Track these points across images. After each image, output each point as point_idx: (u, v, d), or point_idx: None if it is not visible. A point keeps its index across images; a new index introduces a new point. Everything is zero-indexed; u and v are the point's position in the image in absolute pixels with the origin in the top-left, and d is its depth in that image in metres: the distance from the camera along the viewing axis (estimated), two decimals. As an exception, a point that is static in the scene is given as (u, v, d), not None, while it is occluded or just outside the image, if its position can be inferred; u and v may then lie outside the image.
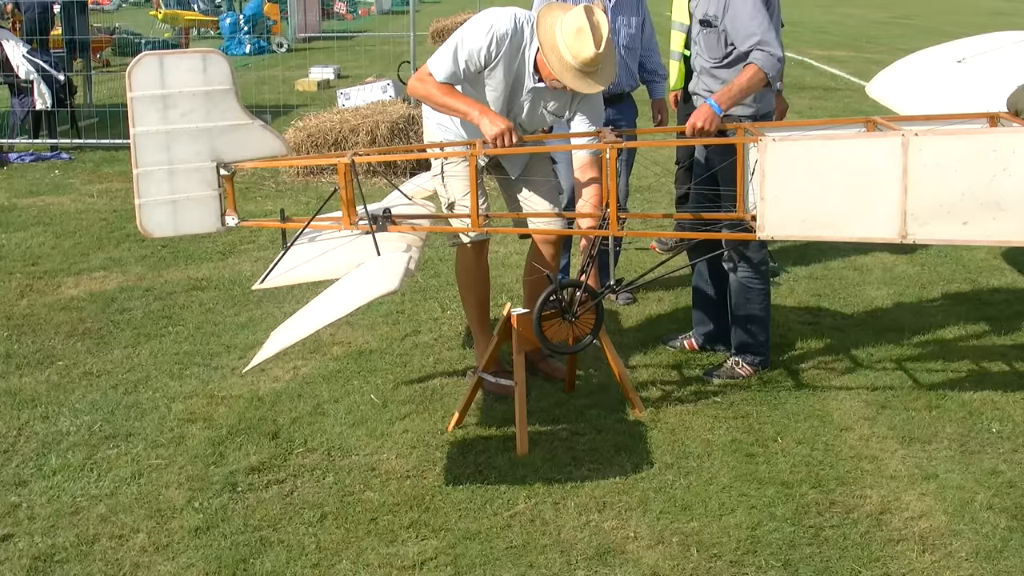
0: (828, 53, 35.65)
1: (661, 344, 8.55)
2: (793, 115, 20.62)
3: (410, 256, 6.55)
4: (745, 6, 7.47)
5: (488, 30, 7.01)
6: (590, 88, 6.95)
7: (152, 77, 6.51)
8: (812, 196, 6.76)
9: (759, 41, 7.43)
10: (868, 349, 8.61)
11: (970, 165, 6.64)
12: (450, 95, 7.10)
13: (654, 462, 6.75)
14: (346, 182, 6.78)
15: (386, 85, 17.56)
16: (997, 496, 6.43)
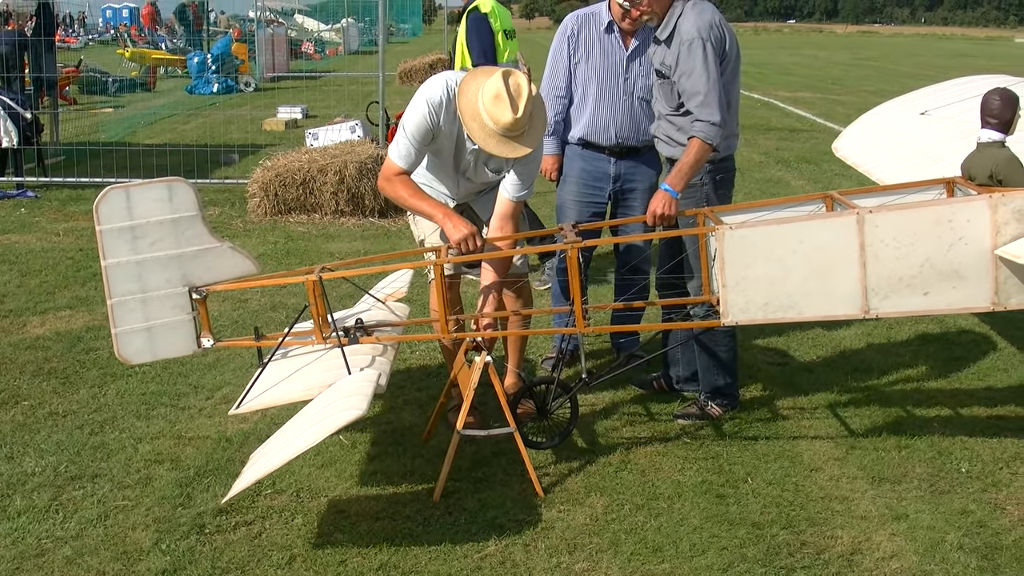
0: (794, 94, 35.94)
1: (631, 385, 8.52)
2: (759, 155, 20.91)
3: (380, 373, 6.57)
4: (694, 63, 7.46)
5: (424, 103, 7.10)
6: (514, 152, 6.95)
7: (119, 209, 6.51)
8: (773, 279, 6.87)
9: (700, 103, 7.44)
10: (837, 389, 8.64)
11: (926, 237, 6.81)
12: (416, 197, 7.20)
13: (624, 503, 6.73)
14: (315, 297, 6.82)
15: (354, 125, 17.57)
16: (967, 536, 6.44)
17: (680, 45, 7.48)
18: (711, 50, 7.43)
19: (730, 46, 7.60)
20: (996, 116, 7.45)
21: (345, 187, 14.69)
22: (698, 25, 7.45)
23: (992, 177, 7.31)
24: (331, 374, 6.65)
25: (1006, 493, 7.00)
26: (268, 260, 12.43)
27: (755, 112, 29.65)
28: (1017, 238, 6.85)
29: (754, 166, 20.17)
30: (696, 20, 7.47)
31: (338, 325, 6.91)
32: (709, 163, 7.66)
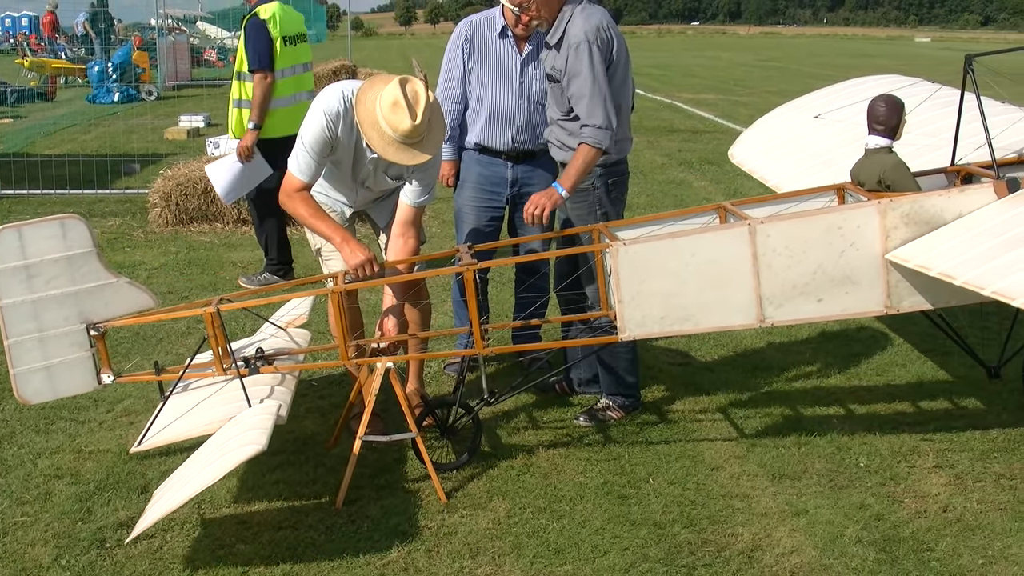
0: (697, 96, 36.19)
1: (533, 388, 8.55)
2: (662, 157, 21.04)
3: (280, 404, 6.57)
4: (581, 65, 7.51)
5: (321, 115, 7.11)
6: (414, 159, 7.00)
7: (12, 249, 6.44)
8: (668, 293, 6.98)
9: (587, 106, 7.49)
10: (738, 388, 8.74)
11: (818, 245, 6.97)
12: (315, 217, 7.23)
13: (527, 507, 6.76)
14: (214, 329, 6.80)
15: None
16: (866, 529, 6.54)
17: (568, 48, 7.52)
18: (597, 53, 7.48)
19: (618, 50, 7.64)
20: (883, 122, 7.58)
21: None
22: (585, 28, 7.49)
23: (880, 182, 7.45)
24: (232, 407, 6.64)
25: (904, 486, 7.11)
26: (170, 271, 12.33)
27: (658, 114, 29.84)
28: (907, 242, 7.00)
29: (657, 168, 20.31)
30: (584, 24, 7.51)
31: (238, 356, 6.90)
32: (601, 167, 7.72)
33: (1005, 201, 7.14)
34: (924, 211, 7.09)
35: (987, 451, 7.65)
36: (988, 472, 7.34)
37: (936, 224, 7.10)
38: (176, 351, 9.33)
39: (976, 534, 6.54)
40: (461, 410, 7.36)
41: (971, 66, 7.57)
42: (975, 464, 7.45)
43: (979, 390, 8.73)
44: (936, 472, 7.33)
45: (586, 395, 8.48)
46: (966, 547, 6.38)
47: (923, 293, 7.12)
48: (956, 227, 7.05)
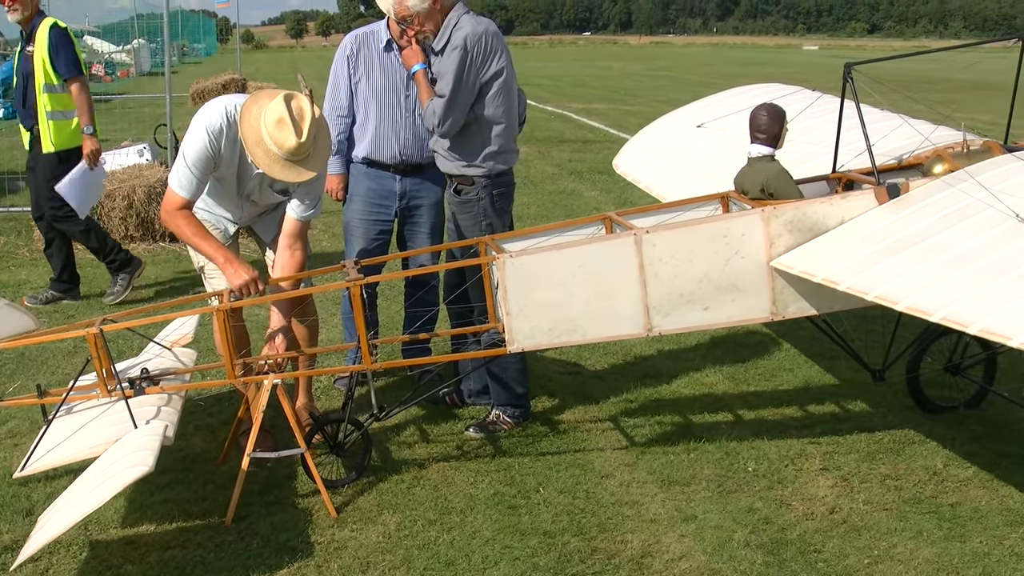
0: (587, 106, 36.40)
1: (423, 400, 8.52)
2: (553, 167, 21.11)
3: (166, 424, 6.49)
4: (450, 66, 7.58)
5: (203, 131, 7.06)
6: (299, 176, 6.97)
7: None
8: (556, 304, 7.01)
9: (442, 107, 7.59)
10: (628, 396, 8.79)
11: (704, 253, 7.05)
12: (198, 236, 7.17)
13: (417, 519, 6.75)
14: (97, 350, 6.71)
15: (142, 148, 17.23)
16: (754, 533, 6.61)
17: (448, 51, 7.56)
18: (470, 60, 7.54)
19: (498, 62, 7.68)
20: (764, 131, 7.68)
21: (134, 212, 14.43)
22: (467, 34, 7.56)
23: (764, 190, 7.54)
24: (117, 428, 6.55)
25: (791, 489, 7.20)
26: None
27: (549, 125, 29.95)
28: (790, 249, 7.09)
29: (547, 178, 20.39)
30: (468, 30, 7.57)
31: (123, 376, 6.82)
32: (486, 178, 7.75)
33: (886, 207, 7.25)
34: (807, 218, 7.18)
35: (873, 452, 7.77)
36: (874, 473, 7.45)
37: (819, 231, 7.20)
38: (62, 371, 9.18)
39: (862, 534, 6.63)
40: (350, 426, 7.33)
41: (850, 74, 7.67)
42: (861, 465, 7.56)
43: (865, 393, 8.86)
44: (823, 474, 7.43)
45: (477, 406, 8.48)
46: (852, 547, 6.47)
47: (808, 299, 7.22)
48: (839, 233, 7.16)
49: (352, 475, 7.26)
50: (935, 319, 5.94)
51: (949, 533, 6.66)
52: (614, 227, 7.47)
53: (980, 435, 8.14)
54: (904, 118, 8.83)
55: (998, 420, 8.42)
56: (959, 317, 5.82)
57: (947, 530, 6.69)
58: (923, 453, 7.80)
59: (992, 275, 6.02)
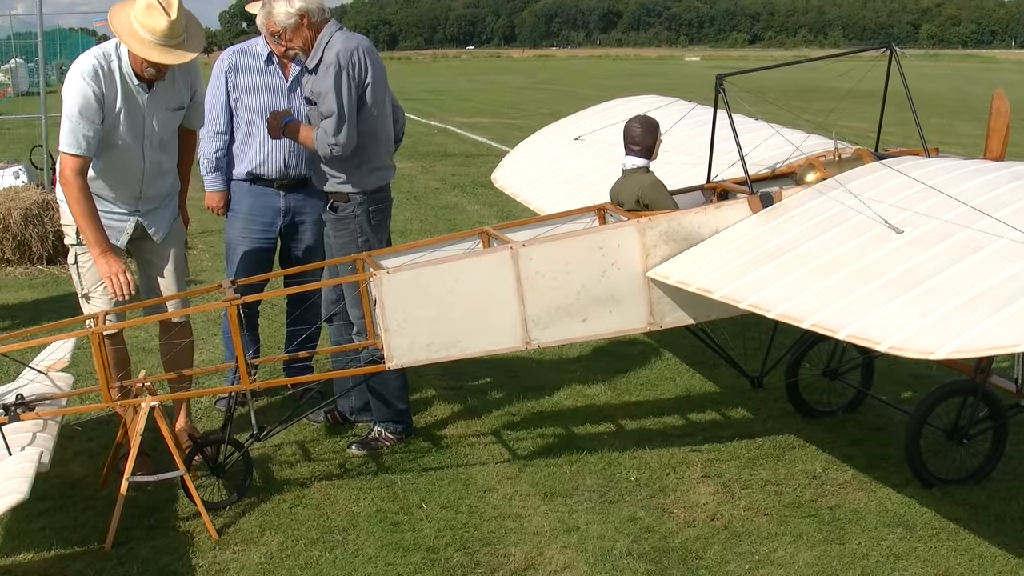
0: (471, 120, 36.46)
1: (306, 418, 8.47)
2: (436, 181, 21.12)
3: (41, 451, 6.38)
4: (328, 84, 7.54)
5: (78, 77, 7.08)
6: (179, 59, 7.06)
7: None
8: (434, 320, 7.02)
9: (332, 125, 7.53)
10: (510, 409, 8.82)
11: (580, 265, 7.10)
12: (85, 216, 7.17)
13: (300, 539, 6.70)
14: None
15: (18, 170, 16.93)
16: (636, 542, 6.65)
17: (323, 70, 7.54)
18: (347, 76, 7.50)
19: (373, 77, 7.65)
20: (639, 143, 7.74)
21: (10, 235, 14.16)
22: (339, 51, 7.53)
23: (639, 202, 7.60)
24: (-10, 454, 6.43)
25: (673, 497, 7.26)
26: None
27: (432, 139, 29.95)
28: (666, 259, 7.16)
29: (431, 193, 20.39)
30: (339, 47, 7.54)
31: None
32: (362, 194, 7.73)
33: (759, 216, 7.35)
34: (682, 228, 7.26)
35: (753, 458, 7.86)
36: (754, 479, 7.54)
37: (694, 240, 7.27)
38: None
39: (743, 540, 6.70)
40: (231, 447, 7.26)
41: (722, 85, 7.76)
42: (742, 472, 7.65)
43: (745, 400, 8.97)
44: (704, 482, 7.50)
45: (359, 423, 8.45)
46: (733, 553, 6.54)
47: (685, 308, 7.29)
48: (713, 243, 7.24)
49: (233, 496, 7.19)
50: (806, 325, 6.03)
51: (828, 536, 6.75)
52: (491, 241, 7.48)
53: (858, 438, 8.28)
54: (776, 128, 8.94)
55: (876, 423, 8.56)
56: (829, 323, 5.90)
57: (827, 533, 6.79)
58: (803, 457, 7.90)
59: (861, 281, 6.11)
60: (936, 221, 6.43)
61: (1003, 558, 6.47)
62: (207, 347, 10.22)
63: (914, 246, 6.26)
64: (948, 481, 7.42)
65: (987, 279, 5.64)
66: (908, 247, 6.27)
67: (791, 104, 10.75)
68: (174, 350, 7.70)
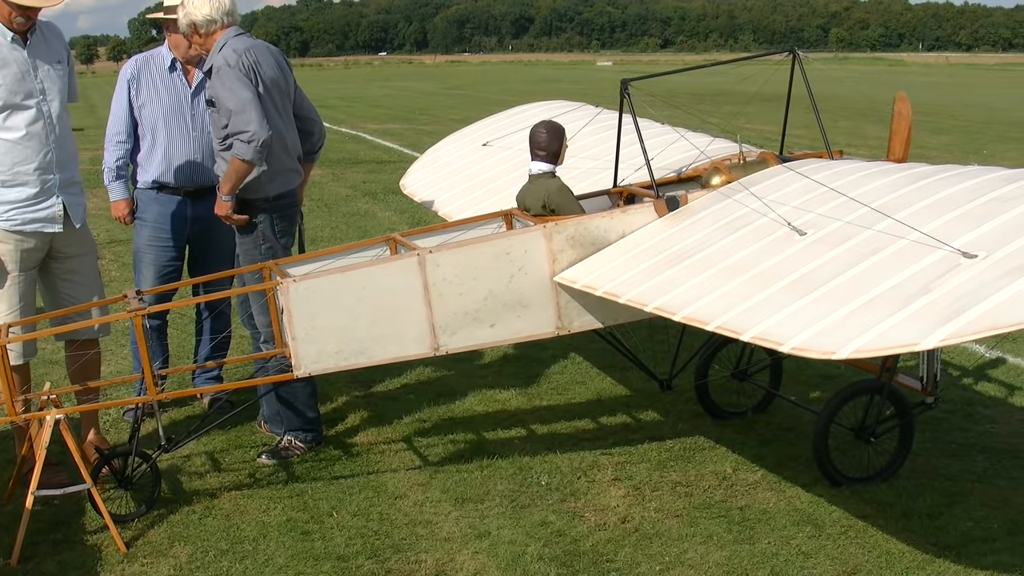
0: (382, 126, 36.39)
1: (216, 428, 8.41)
2: (347, 189, 21.06)
3: None
4: (222, 86, 7.53)
5: None
6: (47, 1, 7.10)
7: None
8: (342, 328, 7.01)
9: (237, 122, 7.46)
10: (421, 416, 8.80)
11: (488, 271, 7.13)
12: None
13: (209, 550, 6.65)
14: None
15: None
16: (547, 546, 6.66)
17: (214, 73, 7.53)
18: (237, 73, 7.48)
19: (265, 76, 7.62)
20: (544, 148, 7.77)
21: None
22: (226, 54, 7.54)
23: (545, 207, 7.63)
24: None
25: (584, 501, 7.28)
26: None
27: (343, 146, 29.80)
28: (573, 264, 7.19)
29: (341, 200, 20.31)
30: (228, 49, 7.56)
31: None
32: (264, 200, 7.70)
33: (665, 219, 7.40)
34: (589, 233, 7.29)
35: (664, 460, 7.90)
36: (665, 481, 7.58)
37: (601, 245, 7.31)
38: None
39: (654, 542, 6.74)
40: (138, 458, 7.20)
41: (627, 90, 7.80)
42: (652, 474, 7.69)
43: (656, 402, 9.01)
44: (615, 485, 7.53)
45: (269, 432, 8.40)
46: (644, 555, 6.57)
47: (592, 313, 7.33)
48: (620, 247, 7.28)
49: (142, 508, 7.12)
50: (711, 328, 6.08)
51: (738, 536, 6.80)
52: (398, 248, 7.48)
53: (768, 439, 8.35)
54: (681, 132, 9.01)
55: (785, 424, 8.63)
56: (734, 325, 5.96)
57: (736, 533, 6.84)
58: (713, 459, 7.95)
59: (765, 283, 6.17)
60: (838, 223, 6.50)
61: (910, 554, 6.55)
62: (115, 358, 10.12)
63: (817, 248, 6.33)
64: (856, 479, 7.49)
65: (888, 279, 5.72)
66: (811, 249, 6.35)
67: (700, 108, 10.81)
68: (80, 361, 7.61)
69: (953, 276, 5.51)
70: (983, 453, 8.08)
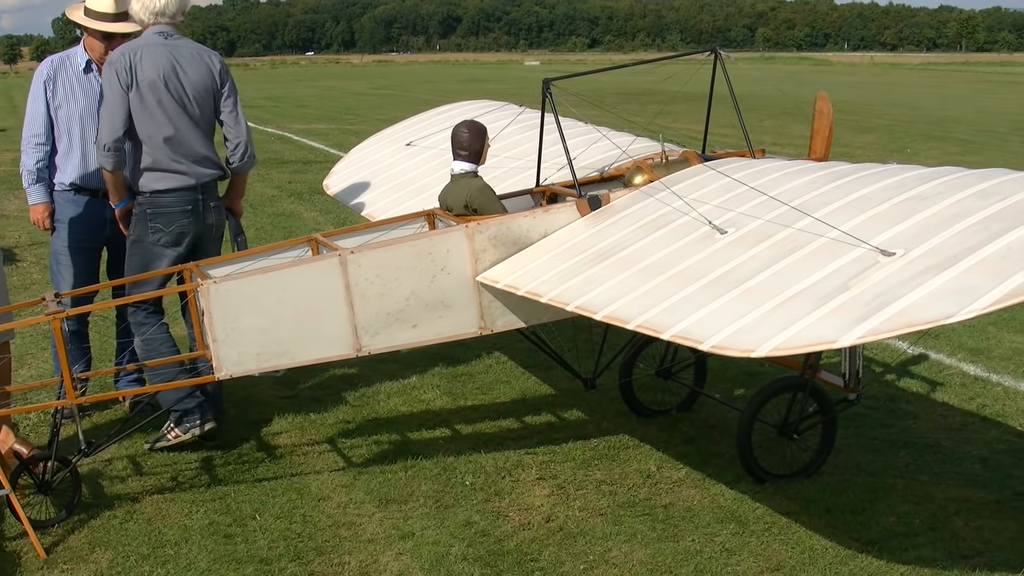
0: (308, 126, 36.24)
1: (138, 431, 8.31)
2: (272, 189, 20.95)
3: None
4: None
5: None
6: None
7: None
8: (263, 329, 6.98)
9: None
10: (345, 417, 8.78)
11: (410, 271, 7.14)
12: None
13: (130, 555, 6.58)
14: None
15: None
16: (471, 546, 6.66)
17: None
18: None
19: (144, 74, 7.65)
20: (466, 148, 7.77)
21: None
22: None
23: (467, 206, 7.64)
24: None
25: (508, 500, 7.28)
26: None
27: (269, 146, 29.62)
28: (496, 263, 7.20)
29: (267, 201, 20.17)
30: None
31: None
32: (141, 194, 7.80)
33: (587, 218, 7.42)
34: (511, 232, 7.30)
35: (588, 459, 7.92)
36: (589, 479, 7.59)
37: (523, 244, 7.32)
38: None
39: (578, 541, 6.74)
40: (58, 463, 7.12)
41: (548, 89, 7.81)
42: (577, 473, 7.70)
43: (581, 401, 9.03)
44: (540, 484, 7.53)
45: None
46: (568, 554, 6.57)
47: (515, 312, 7.34)
48: (542, 246, 7.30)
49: (62, 514, 7.04)
50: (631, 327, 6.10)
51: (663, 534, 6.83)
52: (320, 249, 7.46)
53: (692, 436, 8.38)
54: (603, 131, 9.04)
55: (709, 421, 8.68)
56: (654, 324, 5.98)
57: (661, 531, 6.86)
58: (637, 457, 7.98)
59: (686, 281, 6.21)
60: (758, 221, 6.55)
61: (833, 550, 6.60)
62: (36, 362, 10.02)
63: (737, 246, 6.38)
64: (780, 476, 7.53)
65: (807, 277, 5.77)
66: (731, 247, 6.39)
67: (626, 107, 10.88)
68: None
69: (871, 274, 5.57)
70: (905, 448, 8.15)
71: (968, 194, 6.09)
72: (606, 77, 9.07)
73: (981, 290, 5.08)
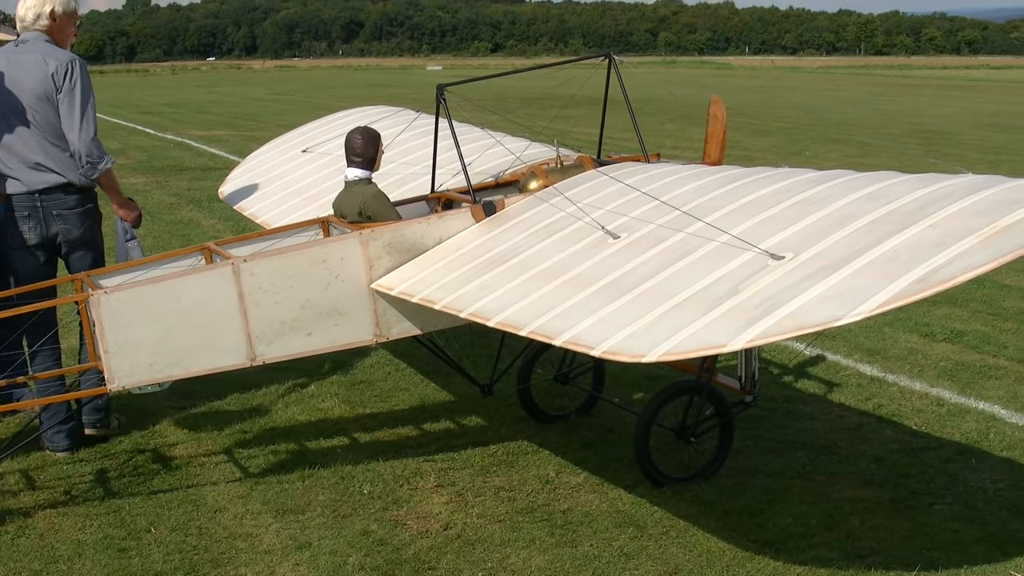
0: (208, 133, 35.95)
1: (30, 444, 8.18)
2: (171, 197, 20.75)
3: None
4: None
5: None
6: None
7: None
8: (156, 339, 6.91)
9: None
10: (241, 427, 8.70)
11: (304, 279, 7.12)
12: None
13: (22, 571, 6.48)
14: None
15: None
16: (369, 555, 6.63)
17: None
18: None
19: None
20: (360, 154, 7.75)
21: None
22: None
23: (362, 213, 7.62)
24: None
25: (406, 509, 7.26)
26: None
27: (168, 153, 29.40)
28: (391, 270, 7.18)
29: (165, 208, 19.99)
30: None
31: None
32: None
33: (482, 224, 7.43)
34: (406, 239, 7.29)
35: (487, 466, 7.92)
36: (488, 486, 7.59)
37: (418, 251, 7.31)
38: None
39: (476, 548, 6.74)
40: None
41: (443, 95, 7.81)
42: (476, 479, 7.69)
43: (480, 408, 9.02)
44: (438, 491, 7.52)
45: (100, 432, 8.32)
46: (466, 562, 6.57)
47: (411, 319, 7.33)
48: (437, 253, 7.30)
49: None
50: (524, 333, 6.11)
51: (561, 539, 6.84)
52: (213, 257, 7.40)
53: (591, 441, 8.41)
54: (498, 137, 9.05)
55: (608, 425, 8.71)
56: (546, 330, 5.99)
57: (559, 536, 6.87)
58: (536, 463, 7.99)
59: (578, 287, 6.23)
60: (651, 226, 6.59)
61: (731, 552, 6.65)
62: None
63: (629, 251, 6.41)
64: (678, 479, 7.57)
65: (698, 282, 5.81)
66: (623, 252, 6.42)
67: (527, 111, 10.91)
68: None
69: (761, 277, 5.62)
70: (802, 449, 8.24)
71: (857, 197, 6.17)
72: (507, 82, 9.09)
73: (869, 292, 5.14)
